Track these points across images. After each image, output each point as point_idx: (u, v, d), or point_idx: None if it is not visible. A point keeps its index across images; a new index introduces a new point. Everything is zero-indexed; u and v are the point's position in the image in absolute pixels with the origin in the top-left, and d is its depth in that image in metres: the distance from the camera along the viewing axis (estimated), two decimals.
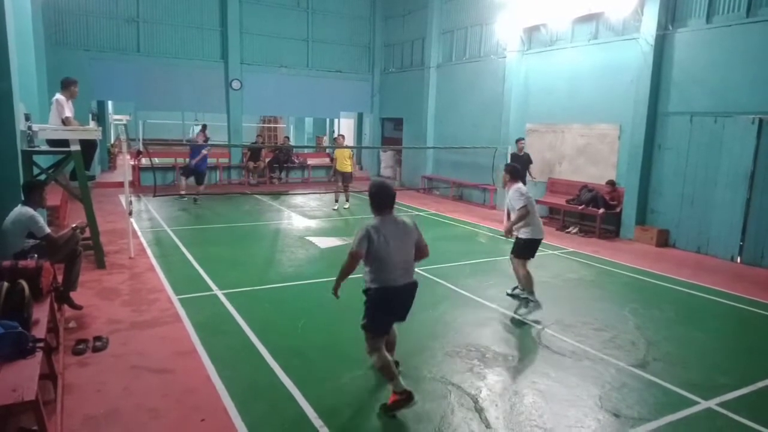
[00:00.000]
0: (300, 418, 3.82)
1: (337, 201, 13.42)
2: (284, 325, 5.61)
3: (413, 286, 4.11)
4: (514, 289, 6.49)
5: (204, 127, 14.92)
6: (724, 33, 9.18)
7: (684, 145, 9.83)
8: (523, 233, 6.24)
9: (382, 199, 4.08)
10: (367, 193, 4.17)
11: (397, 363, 4.21)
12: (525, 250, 6.28)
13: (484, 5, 14.47)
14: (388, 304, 4.05)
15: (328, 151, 21.06)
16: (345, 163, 12.97)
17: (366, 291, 4.11)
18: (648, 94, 10.19)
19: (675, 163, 10.00)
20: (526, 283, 6.23)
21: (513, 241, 6.39)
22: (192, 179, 13.70)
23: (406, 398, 3.84)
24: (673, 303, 6.81)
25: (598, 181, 11.34)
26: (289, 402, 4.02)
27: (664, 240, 10.09)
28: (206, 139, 14.38)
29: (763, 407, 4.21)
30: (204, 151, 13.56)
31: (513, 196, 6.21)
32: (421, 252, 4.20)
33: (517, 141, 12.12)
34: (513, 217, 6.29)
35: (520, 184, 6.33)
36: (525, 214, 6.10)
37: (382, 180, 4.31)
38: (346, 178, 13.16)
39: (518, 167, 6.72)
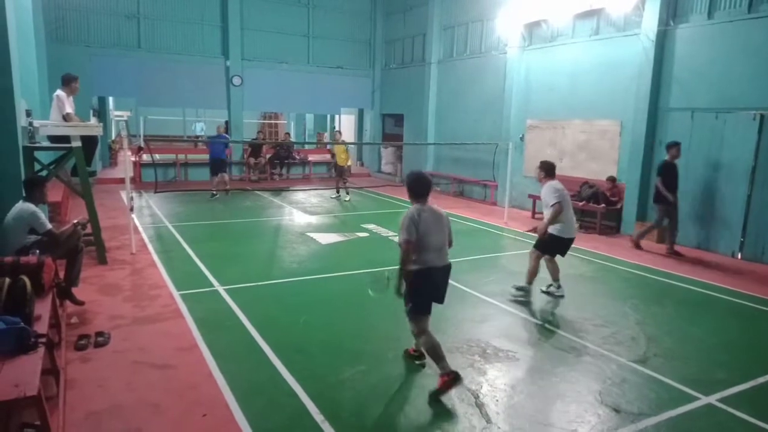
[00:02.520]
0: (301, 413, 3.83)
1: (337, 192, 14.11)
2: (286, 321, 5.62)
3: (448, 268, 4.39)
4: (549, 286, 6.64)
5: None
6: (725, 29, 9.15)
7: (685, 140, 9.78)
8: (551, 229, 6.30)
9: (420, 188, 4.36)
10: (405, 183, 4.47)
11: (422, 355, 4.53)
12: (548, 245, 6.37)
13: (484, 1, 14.44)
14: (427, 284, 4.27)
15: (328, 146, 21.06)
16: (341, 157, 13.79)
17: (407, 275, 4.25)
18: (649, 90, 10.17)
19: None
20: (530, 275, 6.36)
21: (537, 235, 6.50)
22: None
23: (453, 378, 4.02)
24: (673, 299, 6.82)
25: (598, 177, 11.33)
26: (291, 397, 4.04)
27: (664, 236, 10.07)
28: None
29: (763, 403, 4.22)
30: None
31: (547, 191, 6.26)
32: (449, 242, 4.47)
33: (671, 146, 9.09)
34: (546, 214, 6.34)
35: (555, 181, 6.36)
36: (559, 211, 6.15)
37: (420, 171, 4.70)
38: (343, 172, 13.95)
39: (554, 164, 6.67)
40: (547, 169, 6.46)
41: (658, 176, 9.12)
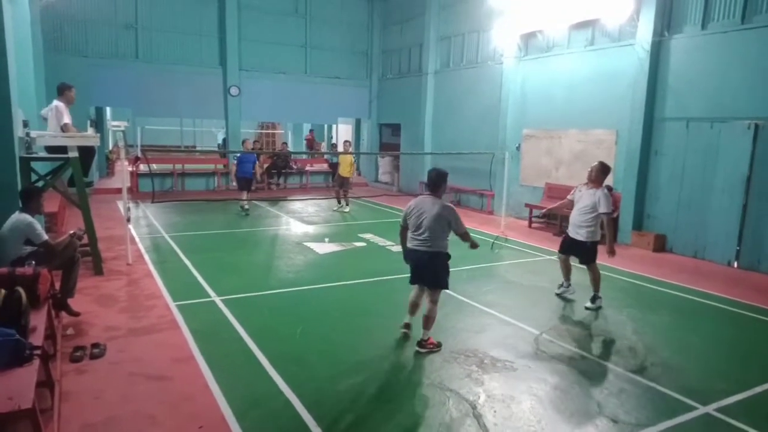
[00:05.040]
0: (298, 425, 3.81)
1: (339, 203, 13.80)
2: (283, 332, 5.60)
3: (427, 254, 5.07)
4: (561, 287, 7.00)
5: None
6: (719, 39, 9.24)
7: (680, 150, 9.87)
8: (598, 236, 6.58)
9: (428, 182, 5.23)
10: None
11: (407, 325, 5.42)
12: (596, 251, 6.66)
13: (481, 12, 14.54)
14: (408, 260, 5.27)
15: (326, 156, 21.09)
16: (346, 168, 13.40)
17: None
18: (644, 100, 10.24)
19: (671, 168, 10.04)
20: (599, 281, 6.66)
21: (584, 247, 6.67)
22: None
23: (405, 327, 5.40)
24: (670, 308, 6.82)
25: None
26: (287, 409, 4.01)
27: (660, 245, 10.11)
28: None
29: (761, 412, 4.22)
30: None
31: (603, 197, 6.39)
32: (461, 237, 5.18)
33: None
34: (606, 225, 6.49)
35: (606, 188, 6.65)
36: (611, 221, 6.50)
37: (435, 167, 5.40)
38: (346, 183, 13.67)
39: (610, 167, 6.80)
40: (607, 172, 6.67)
41: None
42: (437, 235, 4.99)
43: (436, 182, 5.11)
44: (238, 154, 13.55)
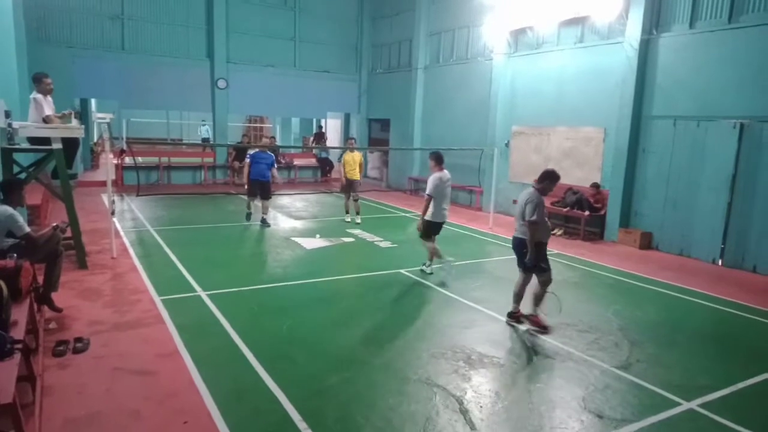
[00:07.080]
0: (284, 421, 3.78)
1: (348, 212, 11.86)
2: (269, 327, 5.57)
3: (515, 239, 5.83)
4: (423, 264, 7.77)
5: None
6: (707, 38, 9.31)
7: (667, 148, 9.95)
8: (426, 215, 7.40)
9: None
10: None
11: (509, 314, 5.96)
12: (427, 230, 7.50)
13: (471, 7, 14.53)
14: None
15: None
16: (355, 169, 11.52)
17: None
18: (632, 98, 10.31)
19: (658, 166, 10.12)
20: (433, 254, 7.58)
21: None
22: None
23: (508, 315, 5.95)
24: (655, 305, 6.89)
25: (583, 183, 11.44)
26: (273, 404, 3.99)
27: (647, 242, 10.20)
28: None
29: (743, 408, 4.27)
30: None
31: (429, 181, 7.49)
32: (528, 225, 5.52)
33: None
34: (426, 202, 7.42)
35: (444, 173, 7.51)
36: (429, 201, 7.37)
37: (550, 168, 5.94)
38: (356, 186, 11.69)
39: (442, 155, 7.67)
40: (436, 159, 7.60)
41: None
42: (522, 221, 5.59)
43: (540, 178, 5.67)
44: (251, 152, 11.39)
